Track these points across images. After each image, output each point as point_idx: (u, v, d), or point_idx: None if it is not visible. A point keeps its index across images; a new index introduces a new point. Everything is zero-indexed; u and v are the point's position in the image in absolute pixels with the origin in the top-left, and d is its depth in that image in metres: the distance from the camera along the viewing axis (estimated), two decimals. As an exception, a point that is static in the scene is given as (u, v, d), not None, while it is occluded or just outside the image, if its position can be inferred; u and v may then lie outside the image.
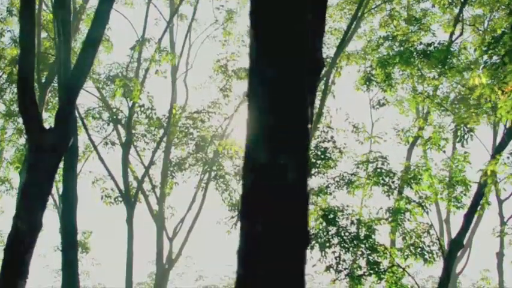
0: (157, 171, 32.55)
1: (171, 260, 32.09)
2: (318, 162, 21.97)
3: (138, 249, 32.32)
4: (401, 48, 23.75)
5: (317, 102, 27.73)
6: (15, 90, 30.46)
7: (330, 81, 29.91)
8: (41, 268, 44.48)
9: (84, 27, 30.08)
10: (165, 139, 31.60)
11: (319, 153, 22.18)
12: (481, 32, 29.86)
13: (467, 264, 35.48)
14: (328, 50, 31.24)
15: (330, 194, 22.19)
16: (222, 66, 32.30)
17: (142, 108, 28.02)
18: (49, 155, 13.10)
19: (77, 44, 28.33)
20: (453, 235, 26.62)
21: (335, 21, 31.69)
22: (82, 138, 33.33)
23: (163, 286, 32.06)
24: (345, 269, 20.97)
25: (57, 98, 26.80)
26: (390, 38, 24.79)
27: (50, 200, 34.63)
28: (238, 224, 5.15)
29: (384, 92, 24.62)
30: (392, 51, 24.06)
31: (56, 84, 24.96)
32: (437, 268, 23.45)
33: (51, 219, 35.31)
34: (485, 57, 18.22)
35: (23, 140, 32.15)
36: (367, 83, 25.16)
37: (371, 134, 28.34)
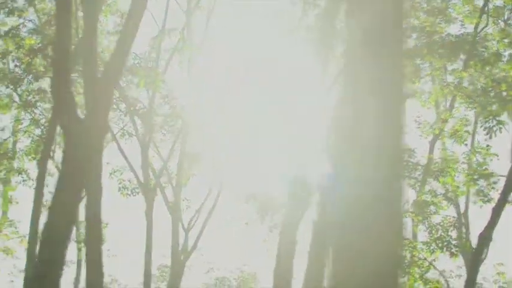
0: (173, 163, 32.42)
1: (187, 252, 31.96)
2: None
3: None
4: (428, 39, 23.51)
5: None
6: (32, 80, 30.33)
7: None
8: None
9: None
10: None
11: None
12: (502, 23, 29.58)
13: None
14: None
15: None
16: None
17: (166, 99, 27.90)
18: (84, 146, 12.91)
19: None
20: (472, 229, 26.40)
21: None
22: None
23: (179, 278, 31.89)
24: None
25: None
26: (417, 30, 24.49)
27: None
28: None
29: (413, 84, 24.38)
30: (419, 43, 23.79)
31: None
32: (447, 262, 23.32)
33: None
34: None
35: (38, 131, 31.98)
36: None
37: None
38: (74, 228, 34.57)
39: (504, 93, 21.78)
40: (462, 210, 33.10)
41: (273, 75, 31.86)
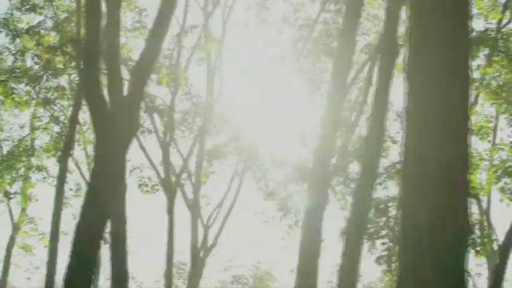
0: (192, 160, 32.30)
1: (206, 249, 31.89)
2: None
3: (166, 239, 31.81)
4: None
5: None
6: (51, 78, 30.31)
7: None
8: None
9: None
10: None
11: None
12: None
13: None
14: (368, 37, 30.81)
15: (380, 184, 21.89)
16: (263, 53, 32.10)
17: (188, 96, 27.86)
18: (116, 144, 12.79)
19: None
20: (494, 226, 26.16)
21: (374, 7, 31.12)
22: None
23: (198, 276, 31.83)
24: (396, 260, 20.66)
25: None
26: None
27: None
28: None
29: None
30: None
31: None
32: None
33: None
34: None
35: (57, 128, 31.99)
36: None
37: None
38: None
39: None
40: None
41: (293, 70, 31.88)
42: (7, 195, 32.59)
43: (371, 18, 31.38)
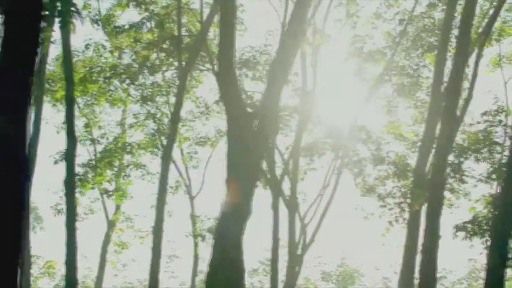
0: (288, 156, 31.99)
1: (305, 246, 31.62)
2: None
3: (254, 235, 31.54)
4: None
5: (466, 85, 26.78)
6: (148, 75, 30.39)
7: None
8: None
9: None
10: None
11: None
12: None
13: None
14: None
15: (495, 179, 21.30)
16: (358, 48, 31.57)
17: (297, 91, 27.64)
18: (255, 144, 12.61)
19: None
20: None
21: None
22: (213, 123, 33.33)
23: (296, 273, 31.56)
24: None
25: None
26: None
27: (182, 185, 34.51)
28: None
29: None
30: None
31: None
32: None
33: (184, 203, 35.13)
34: None
35: (153, 125, 32.02)
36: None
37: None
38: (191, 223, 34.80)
39: None
40: None
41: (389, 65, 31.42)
42: (106, 192, 32.69)
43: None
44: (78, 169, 30.61)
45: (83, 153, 33.08)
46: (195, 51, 27.47)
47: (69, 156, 23.17)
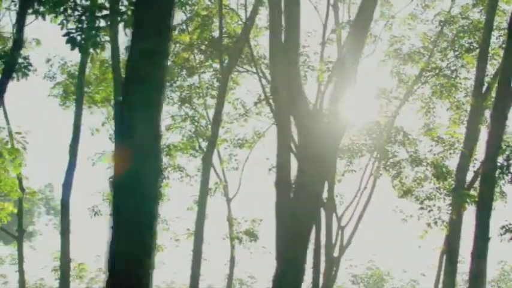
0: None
1: (342, 248, 31.57)
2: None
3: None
4: None
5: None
6: (186, 76, 30.42)
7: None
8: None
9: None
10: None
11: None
12: None
13: None
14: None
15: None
16: (397, 49, 31.49)
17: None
18: (324, 145, 12.49)
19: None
20: None
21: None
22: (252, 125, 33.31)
23: (333, 276, 31.49)
24: None
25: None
26: None
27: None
28: None
29: None
30: None
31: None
32: None
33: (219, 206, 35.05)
34: None
35: (189, 127, 32.05)
36: None
37: None
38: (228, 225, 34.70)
39: None
40: None
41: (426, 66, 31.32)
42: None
43: None
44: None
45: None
46: (237, 53, 27.46)
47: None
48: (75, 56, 30.31)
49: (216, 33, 28.98)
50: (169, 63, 29.66)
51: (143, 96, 8.44)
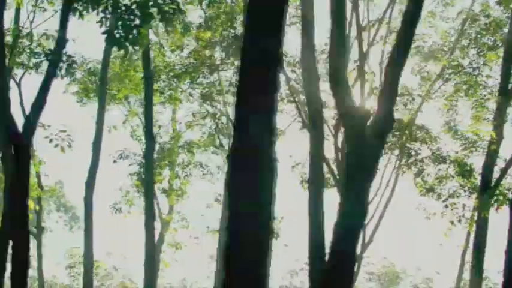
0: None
1: (364, 245, 31.42)
2: None
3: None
4: None
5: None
6: (208, 74, 30.29)
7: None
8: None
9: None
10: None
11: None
12: None
13: None
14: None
15: None
16: (418, 46, 31.34)
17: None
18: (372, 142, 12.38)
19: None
20: None
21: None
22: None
23: (355, 273, 31.27)
24: None
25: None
26: None
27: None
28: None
29: None
30: None
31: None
32: None
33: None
34: None
35: (210, 124, 32.01)
36: None
37: None
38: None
39: None
40: None
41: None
42: (164, 192, 32.61)
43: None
44: (136, 168, 30.69)
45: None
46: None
47: (148, 156, 23.14)
48: (93, 53, 30.38)
49: (238, 31, 28.82)
50: (190, 60, 29.72)
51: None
